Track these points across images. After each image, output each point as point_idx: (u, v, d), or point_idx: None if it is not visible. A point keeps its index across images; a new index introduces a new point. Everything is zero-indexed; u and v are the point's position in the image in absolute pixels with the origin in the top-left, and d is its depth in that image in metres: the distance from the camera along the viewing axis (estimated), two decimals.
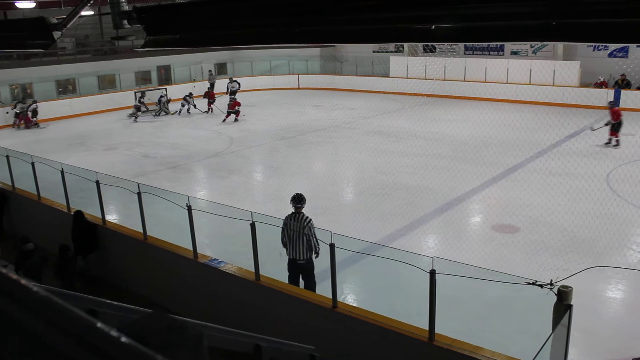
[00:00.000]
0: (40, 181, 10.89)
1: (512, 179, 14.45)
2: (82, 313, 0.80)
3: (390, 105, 27.24)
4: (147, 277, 8.91)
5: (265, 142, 20.10)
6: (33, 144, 20.43)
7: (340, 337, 6.42)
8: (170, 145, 20.59)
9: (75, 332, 0.76)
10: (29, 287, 0.82)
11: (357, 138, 20.30)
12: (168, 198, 8.24)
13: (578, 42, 15.35)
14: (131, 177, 14.28)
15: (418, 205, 12.46)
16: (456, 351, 5.37)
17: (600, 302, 8.39)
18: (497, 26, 3.86)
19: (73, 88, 29.19)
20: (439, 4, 4.01)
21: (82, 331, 0.76)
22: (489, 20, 3.86)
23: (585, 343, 7.28)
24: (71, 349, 0.74)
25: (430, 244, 10.70)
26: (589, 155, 15.07)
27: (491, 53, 29.79)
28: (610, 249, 9.95)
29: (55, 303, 0.80)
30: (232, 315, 7.52)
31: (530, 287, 4.84)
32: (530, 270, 8.41)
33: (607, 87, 25.25)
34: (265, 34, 5.37)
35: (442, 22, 4.04)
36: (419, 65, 30.67)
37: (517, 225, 11.26)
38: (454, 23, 4.00)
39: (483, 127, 18.75)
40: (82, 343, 0.75)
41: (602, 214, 11.31)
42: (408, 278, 7.07)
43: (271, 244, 7.97)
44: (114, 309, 2.49)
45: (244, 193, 14.34)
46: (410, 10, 4.16)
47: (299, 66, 35.27)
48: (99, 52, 32.42)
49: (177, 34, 6.38)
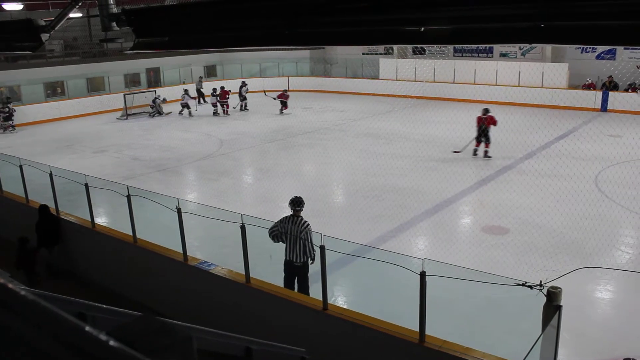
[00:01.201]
0: (28, 184, 10.81)
1: (501, 181, 14.52)
2: (71, 317, 0.79)
3: (380, 107, 27.26)
4: (136, 280, 8.87)
5: (255, 145, 20.07)
6: (21, 147, 20.28)
7: (330, 339, 6.41)
8: (159, 147, 20.51)
9: (64, 336, 0.76)
10: (17, 290, 0.82)
11: (347, 140, 20.32)
12: (158, 201, 8.20)
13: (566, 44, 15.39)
14: (121, 179, 14.20)
15: (408, 207, 12.48)
16: (446, 352, 5.38)
17: (589, 303, 8.44)
18: (486, 28, 3.88)
19: (62, 91, 29.03)
20: (428, 7, 4.02)
21: (71, 335, 0.76)
22: (478, 22, 3.88)
23: (574, 343, 7.32)
24: (60, 353, 0.74)
25: (420, 246, 10.72)
26: (578, 157, 15.16)
27: (480, 55, 29.93)
28: (599, 250, 10.01)
29: (44, 307, 0.79)
30: (223, 317, 7.50)
31: (520, 288, 4.87)
32: (519, 272, 8.46)
33: (595, 89, 25.44)
34: (254, 36, 5.37)
35: (432, 24, 4.05)
36: (409, 68, 30.76)
37: (506, 227, 11.31)
38: (443, 25, 4.01)
39: (472, 129, 18.82)
40: (71, 347, 0.74)
41: (591, 215, 11.38)
42: (398, 280, 7.07)
43: (261, 246, 7.95)
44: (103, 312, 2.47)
45: (234, 195, 14.31)
46: (400, 13, 4.17)
47: (288, 68, 35.27)
48: (87, 54, 32.25)
49: (166, 36, 6.36)
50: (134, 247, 8.61)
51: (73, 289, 9.43)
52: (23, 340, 0.76)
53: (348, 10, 4.45)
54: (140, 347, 0.88)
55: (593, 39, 3.70)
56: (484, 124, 16.86)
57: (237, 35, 5.58)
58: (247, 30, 5.40)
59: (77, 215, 10.04)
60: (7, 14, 24.58)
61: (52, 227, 9.94)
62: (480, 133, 16.90)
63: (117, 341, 0.75)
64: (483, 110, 17.15)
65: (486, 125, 16.83)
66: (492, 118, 16.88)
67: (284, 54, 33.27)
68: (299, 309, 6.64)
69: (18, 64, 27.79)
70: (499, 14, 3.77)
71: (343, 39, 4.95)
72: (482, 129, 16.87)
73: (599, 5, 3.48)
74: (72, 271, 9.95)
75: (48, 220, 9.88)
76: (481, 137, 16.92)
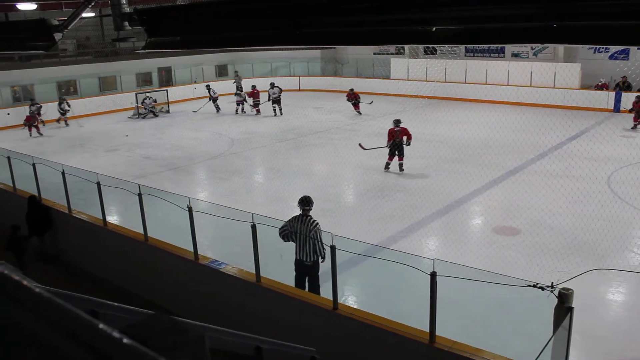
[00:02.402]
0: (41, 182, 10.89)
1: (513, 181, 14.45)
2: (84, 314, 0.80)
3: (391, 107, 27.19)
4: (147, 278, 8.92)
5: (266, 144, 20.10)
6: (34, 146, 20.44)
7: (341, 339, 6.41)
8: (171, 146, 20.60)
9: (77, 334, 0.76)
10: (32, 288, 0.82)
11: (357, 140, 20.27)
12: (169, 199, 8.24)
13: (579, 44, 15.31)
14: (132, 178, 14.28)
15: (419, 207, 12.45)
16: (457, 353, 5.36)
17: (601, 305, 8.38)
18: (498, 28, 3.86)
19: (74, 90, 29.23)
20: (440, 6, 4.01)
21: (84, 332, 0.76)
22: (489, 22, 3.86)
23: (586, 345, 7.27)
24: (72, 351, 0.74)
25: (431, 246, 10.69)
26: (590, 157, 15.05)
27: (492, 55, 29.80)
28: (612, 251, 9.94)
29: (58, 304, 0.80)
30: (233, 316, 7.52)
31: (531, 289, 4.84)
32: (531, 273, 8.41)
33: (608, 90, 25.24)
34: (266, 35, 5.38)
35: (443, 24, 4.04)
36: (420, 67, 30.66)
37: (518, 228, 11.25)
38: (454, 25, 4.00)
39: (484, 129, 18.75)
40: (84, 344, 0.75)
41: (603, 217, 11.30)
42: (409, 280, 7.06)
43: (272, 245, 7.96)
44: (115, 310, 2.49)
45: (244, 195, 14.34)
46: (411, 13, 4.16)
47: (299, 68, 35.28)
48: (100, 53, 32.44)
49: (177, 36, 6.39)
50: (145, 245, 8.66)
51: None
52: (36, 337, 0.77)
53: (359, 10, 4.45)
54: (152, 345, 0.88)
55: (606, 39, 3.67)
56: (397, 137, 15.49)
57: (249, 35, 5.59)
58: (258, 30, 5.40)
59: (89, 213, 10.10)
60: (21, 13, 24.73)
61: (41, 216, 10.49)
62: (394, 146, 15.57)
63: (130, 339, 0.76)
64: (394, 122, 15.75)
65: (400, 137, 15.48)
66: (405, 130, 15.58)
67: (295, 54, 33.28)
68: (309, 308, 6.65)
69: (31, 63, 28.00)
70: (511, 14, 3.75)
71: (354, 39, 4.95)
72: (397, 142, 15.50)
73: (612, 5, 3.45)
74: (85, 269, 10.01)
75: (37, 209, 10.47)
76: (394, 151, 15.62)
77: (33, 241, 10.43)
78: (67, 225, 10.41)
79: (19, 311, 0.80)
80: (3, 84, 26.54)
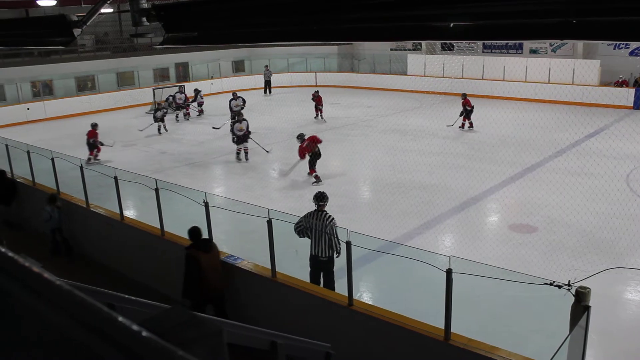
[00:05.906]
0: (59, 176, 11.00)
1: (530, 179, 14.33)
2: (104, 307, 0.81)
3: (408, 103, 27.13)
4: (163, 272, 8.97)
5: (282, 140, 20.11)
6: (52, 141, 20.63)
7: (355, 335, 6.42)
8: (187, 142, 20.72)
9: (97, 326, 0.77)
10: (52, 281, 0.84)
11: (374, 136, 20.26)
12: (185, 194, 8.29)
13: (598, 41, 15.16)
14: (149, 173, 14.37)
15: (435, 204, 12.41)
16: (472, 351, 5.34)
17: (619, 304, 8.30)
18: (516, 24, 3.83)
19: (92, 85, 29.48)
20: (457, 2, 3.98)
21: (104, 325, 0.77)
22: (507, 18, 3.83)
23: (603, 344, 7.21)
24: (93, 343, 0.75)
25: (447, 243, 10.65)
26: (609, 155, 14.87)
27: (510, 51, 29.56)
28: (630, 250, 9.83)
29: (78, 297, 0.81)
30: (248, 311, 7.55)
31: (547, 287, 4.80)
32: (547, 271, 8.35)
33: (627, 86, 24.94)
34: (282, 31, 5.38)
35: (460, 19, 4.01)
36: (437, 63, 30.49)
37: (534, 225, 11.17)
38: (472, 21, 3.97)
39: (501, 126, 18.62)
40: (104, 337, 0.76)
41: (621, 215, 11.18)
42: (424, 277, 7.05)
43: (288, 241, 7.98)
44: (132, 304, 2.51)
45: (260, 190, 14.38)
46: (428, 8, 4.14)
47: (316, 64, 35.25)
48: (118, 49, 32.68)
49: (195, 32, 6.41)
50: (162, 240, 8.71)
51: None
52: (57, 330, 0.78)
53: (376, 6, 4.44)
54: (171, 339, 0.89)
55: (627, 35, 3.62)
56: (314, 147, 14.91)
57: (265, 31, 5.60)
58: (275, 25, 5.40)
59: (107, 207, 10.19)
60: (40, 9, 24.99)
61: (8, 187, 12.05)
62: (314, 157, 14.94)
63: (149, 332, 0.76)
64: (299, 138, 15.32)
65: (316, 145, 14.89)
66: (313, 137, 15.08)
67: (311, 50, 33.26)
68: (324, 304, 6.65)
69: (50, 58, 28.31)
70: (529, 9, 3.71)
71: (371, 35, 4.93)
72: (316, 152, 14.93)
73: (633, 1, 3.41)
74: (102, 263, 10.09)
75: (5, 182, 12.05)
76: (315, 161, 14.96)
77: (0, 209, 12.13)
78: (85, 220, 10.50)
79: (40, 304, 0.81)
80: (23, 79, 26.84)
